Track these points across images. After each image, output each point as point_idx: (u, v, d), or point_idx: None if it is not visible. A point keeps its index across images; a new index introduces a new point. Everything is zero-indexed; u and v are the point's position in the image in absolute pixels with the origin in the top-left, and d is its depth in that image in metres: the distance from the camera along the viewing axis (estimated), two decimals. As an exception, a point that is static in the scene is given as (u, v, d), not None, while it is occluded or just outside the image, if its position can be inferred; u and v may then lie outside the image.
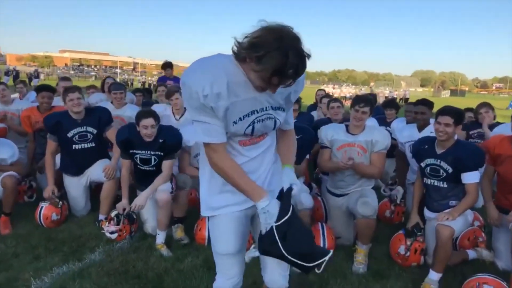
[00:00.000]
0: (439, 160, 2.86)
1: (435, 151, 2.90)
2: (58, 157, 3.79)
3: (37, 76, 33.12)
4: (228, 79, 1.38)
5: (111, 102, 4.61)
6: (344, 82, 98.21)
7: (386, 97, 29.07)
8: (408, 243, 2.97)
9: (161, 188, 3.21)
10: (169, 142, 3.23)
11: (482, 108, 4.36)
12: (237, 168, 1.53)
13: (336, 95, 28.20)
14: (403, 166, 4.01)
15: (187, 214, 3.49)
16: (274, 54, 1.23)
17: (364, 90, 34.85)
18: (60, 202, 3.56)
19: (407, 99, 29.58)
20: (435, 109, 5.96)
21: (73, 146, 3.61)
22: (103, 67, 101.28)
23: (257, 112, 1.50)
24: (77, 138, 3.60)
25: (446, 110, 2.79)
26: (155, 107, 4.26)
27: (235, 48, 1.33)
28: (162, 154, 3.24)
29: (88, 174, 3.72)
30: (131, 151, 3.24)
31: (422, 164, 2.99)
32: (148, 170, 3.29)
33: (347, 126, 3.29)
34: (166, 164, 3.27)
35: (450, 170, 2.80)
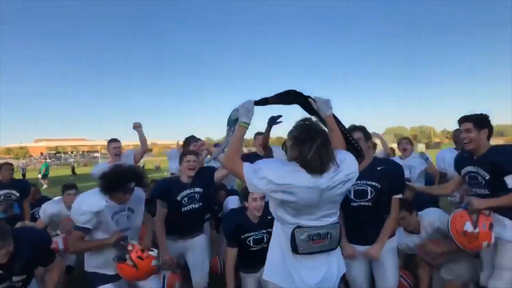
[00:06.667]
0: None
1: None
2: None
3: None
4: None
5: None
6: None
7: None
8: (474, 218, 2.47)
9: None
10: None
11: None
12: None
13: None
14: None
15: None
16: None
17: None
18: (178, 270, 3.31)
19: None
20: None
21: (183, 208, 3.41)
22: (80, 152, 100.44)
23: None
24: (186, 201, 3.43)
25: None
26: None
27: None
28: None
29: None
30: (243, 236, 3.05)
31: None
32: (257, 250, 3.05)
33: None
34: None
35: None
